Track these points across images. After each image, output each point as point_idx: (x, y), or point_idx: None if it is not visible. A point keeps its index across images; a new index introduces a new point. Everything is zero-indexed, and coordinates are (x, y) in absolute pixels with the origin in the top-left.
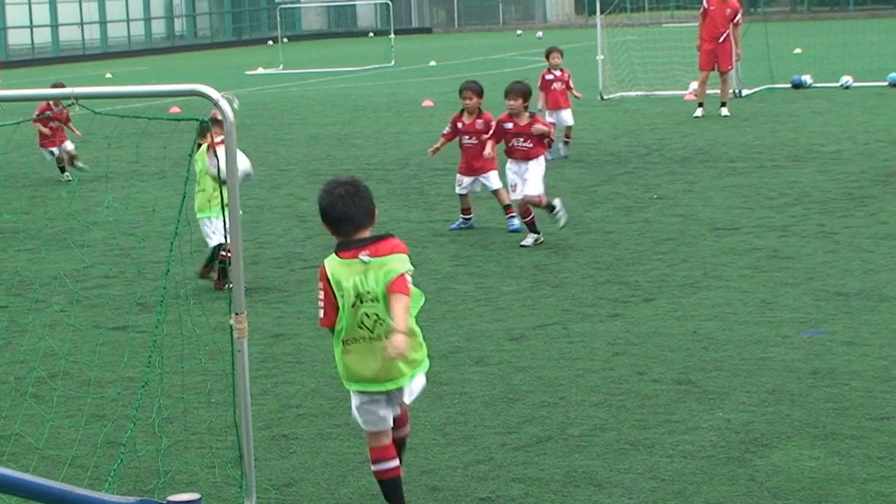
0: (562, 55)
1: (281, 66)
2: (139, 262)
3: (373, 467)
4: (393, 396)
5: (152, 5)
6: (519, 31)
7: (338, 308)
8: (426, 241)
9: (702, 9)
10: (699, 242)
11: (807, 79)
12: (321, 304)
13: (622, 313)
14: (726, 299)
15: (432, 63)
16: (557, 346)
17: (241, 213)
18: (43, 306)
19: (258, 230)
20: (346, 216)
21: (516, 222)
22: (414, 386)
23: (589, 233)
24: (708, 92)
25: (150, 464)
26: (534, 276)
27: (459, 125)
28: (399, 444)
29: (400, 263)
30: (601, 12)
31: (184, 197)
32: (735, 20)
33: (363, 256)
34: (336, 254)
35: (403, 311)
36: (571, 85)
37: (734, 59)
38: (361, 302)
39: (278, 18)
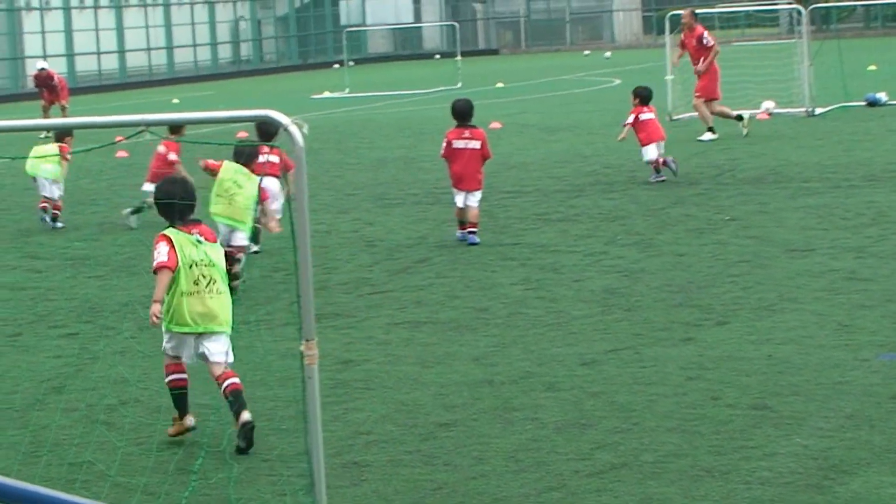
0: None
1: (347, 90)
2: None
3: (167, 378)
4: (203, 339)
5: (218, 30)
6: (587, 52)
7: (178, 262)
8: (495, 265)
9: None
10: (773, 264)
11: (882, 96)
12: (167, 251)
13: (695, 337)
14: (802, 322)
15: (499, 84)
16: (630, 371)
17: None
18: (113, 333)
19: (325, 255)
20: (185, 203)
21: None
22: (219, 343)
23: (660, 255)
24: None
25: (221, 491)
26: (605, 299)
27: None
28: (231, 393)
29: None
30: (670, 31)
31: (254, 224)
32: (704, 44)
33: (197, 235)
34: (176, 227)
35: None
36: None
37: (706, 84)
38: (194, 266)
39: (344, 42)
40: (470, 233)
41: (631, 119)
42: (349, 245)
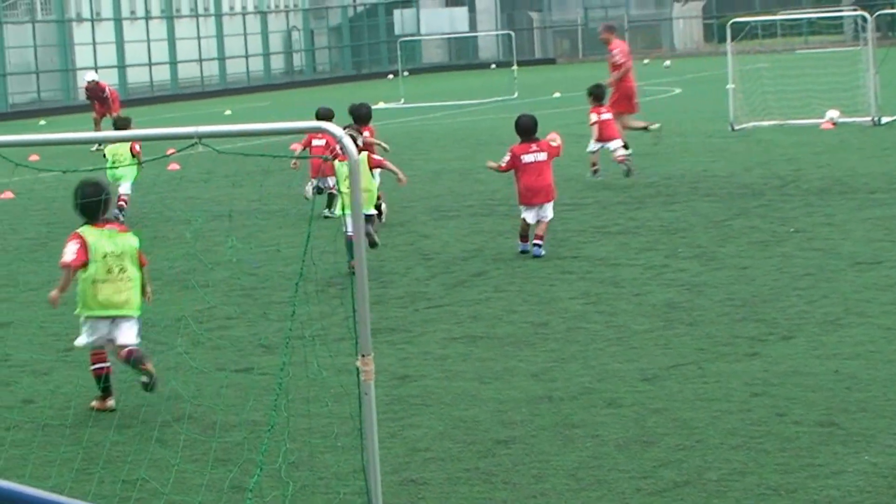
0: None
1: (402, 101)
2: (262, 303)
3: (91, 367)
4: (115, 322)
5: (271, 40)
6: (646, 61)
7: (87, 256)
8: (554, 278)
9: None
10: (840, 277)
11: None
12: (76, 251)
13: (760, 352)
14: (870, 337)
15: (556, 94)
16: (693, 387)
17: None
18: (166, 348)
19: (381, 269)
20: (98, 203)
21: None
22: (129, 326)
23: (723, 269)
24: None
25: None
26: (666, 313)
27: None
28: (133, 356)
29: (136, 241)
30: (731, 39)
31: (308, 237)
32: (614, 61)
33: (109, 228)
34: (90, 226)
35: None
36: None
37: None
38: (108, 256)
39: (398, 52)
40: (536, 244)
41: (595, 118)
42: (405, 258)
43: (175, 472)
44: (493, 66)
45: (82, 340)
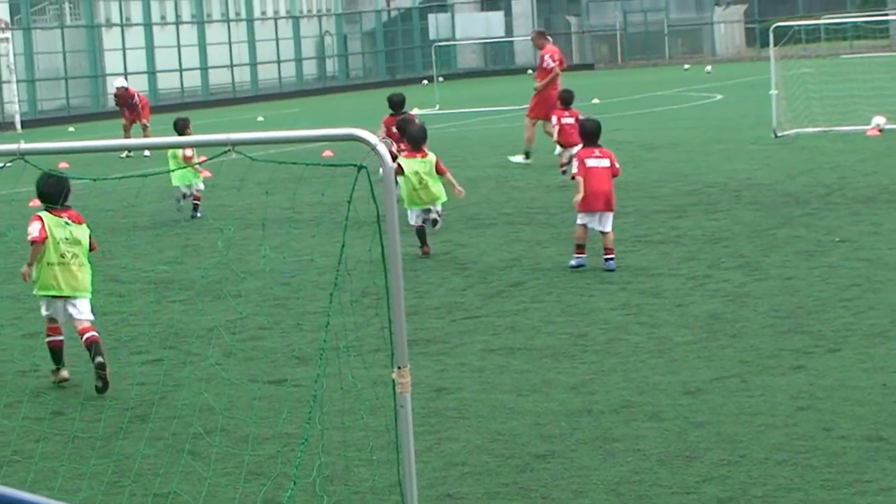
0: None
1: (437, 107)
2: (295, 314)
3: (47, 339)
4: (69, 303)
5: (303, 46)
6: (686, 66)
7: (47, 237)
8: (593, 288)
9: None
10: (887, 288)
11: None
12: (39, 228)
13: (805, 365)
14: None
15: (595, 101)
16: (736, 400)
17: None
18: (198, 359)
19: (416, 279)
20: (58, 193)
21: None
22: (82, 305)
23: (767, 279)
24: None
25: None
26: (709, 325)
27: None
28: (93, 344)
29: (87, 230)
30: (774, 44)
31: (343, 246)
32: (544, 66)
33: (65, 218)
34: (49, 212)
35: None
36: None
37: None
38: (61, 242)
39: (433, 57)
40: (609, 258)
41: (555, 121)
42: (441, 268)
43: (207, 486)
44: (530, 71)
45: (44, 311)
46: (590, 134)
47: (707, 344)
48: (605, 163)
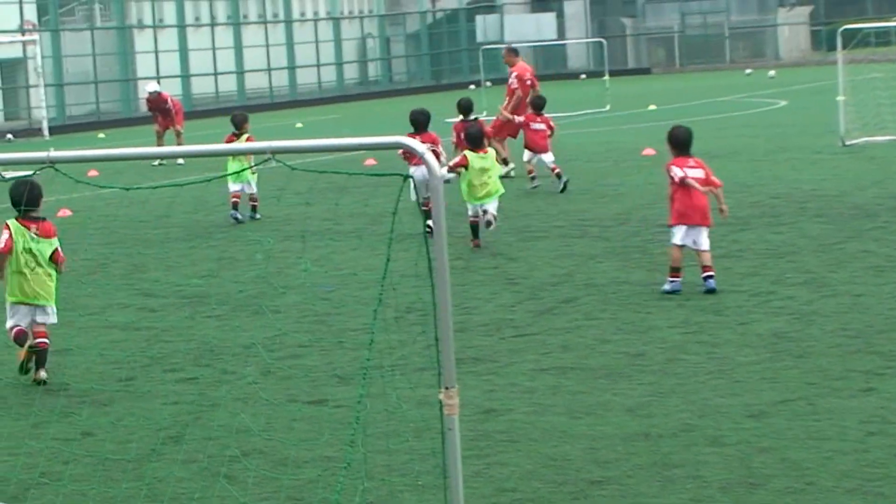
0: None
1: (484, 113)
2: (336, 330)
3: (14, 340)
4: (33, 309)
5: (344, 49)
6: (748, 70)
7: (12, 247)
8: (650, 305)
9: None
10: None
11: None
12: (5, 239)
13: (876, 387)
14: None
15: (652, 107)
16: (803, 424)
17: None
18: (234, 378)
19: (464, 294)
20: (29, 202)
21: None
22: (45, 312)
23: (835, 296)
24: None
25: None
26: (773, 344)
27: None
28: (40, 352)
29: (54, 244)
30: (842, 47)
31: (387, 259)
32: (509, 84)
33: (34, 230)
34: (17, 220)
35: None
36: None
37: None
38: (26, 252)
39: (481, 61)
40: (707, 277)
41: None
42: (489, 283)
43: None
44: (583, 76)
45: (9, 323)
46: (681, 143)
47: (771, 364)
48: (700, 173)
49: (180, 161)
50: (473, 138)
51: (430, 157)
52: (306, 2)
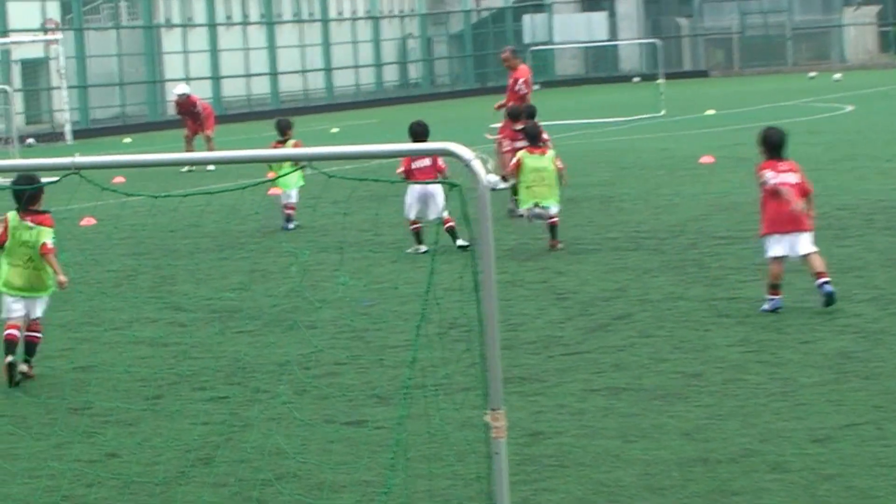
0: None
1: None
2: (375, 347)
3: (4, 332)
4: (31, 302)
5: (384, 50)
6: (812, 74)
7: (6, 240)
8: (709, 322)
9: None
10: None
11: None
12: (1, 231)
13: None
14: None
15: (709, 112)
16: (871, 450)
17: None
18: (267, 397)
19: (510, 310)
20: (23, 195)
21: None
22: (40, 304)
23: None
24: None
25: None
26: (839, 365)
27: None
28: (30, 344)
29: (46, 235)
30: None
31: (431, 272)
32: (517, 90)
33: (29, 222)
34: (17, 213)
35: (56, 262)
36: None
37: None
38: (23, 245)
39: (529, 63)
40: (824, 283)
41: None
42: (537, 298)
43: None
44: (636, 79)
45: (3, 315)
46: (774, 145)
47: (837, 386)
48: (794, 177)
49: (210, 167)
50: (530, 135)
51: (476, 164)
52: (344, 0)
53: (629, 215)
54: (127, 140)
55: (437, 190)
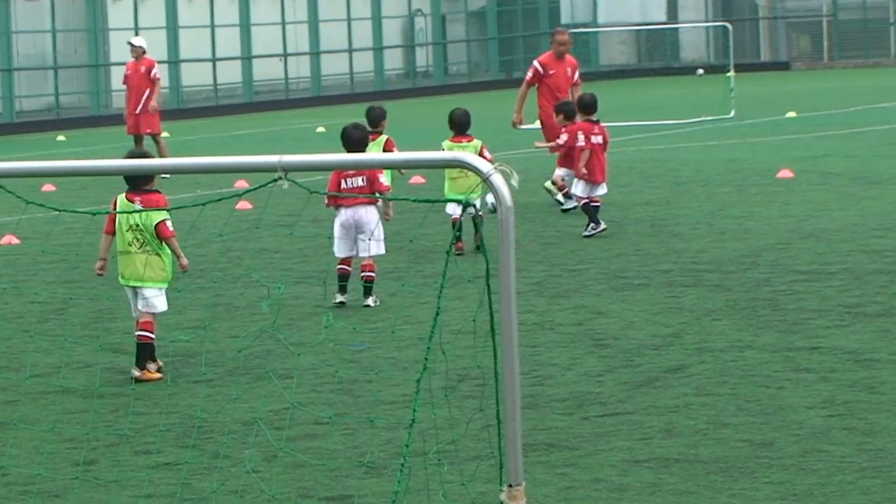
0: None
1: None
2: (365, 403)
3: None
4: (135, 293)
5: (386, 29)
6: None
7: (114, 229)
8: (783, 378)
9: (532, 73)
10: None
11: None
12: (108, 220)
13: None
14: None
15: (791, 114)
16: None
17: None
18: (228, 464)
19: (536, 359)
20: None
21: None
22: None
23: None
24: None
25: None
26: None
27: None
28: (143, 345)
29: (158, 215)
30: None
31: (437, 312)
32: (575, 81)
33: (137, 203)
34: (125, 194)
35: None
36: None
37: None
38: (130, 230)
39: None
40: None
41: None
42: (570, 344)
43: None
44: (701, 71)
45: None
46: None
47: None
48: None
49: (164, 176)
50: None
51: (497, 179)
52: None
53: (687, 242)
54: (61, 138)
55: (371, 217)
